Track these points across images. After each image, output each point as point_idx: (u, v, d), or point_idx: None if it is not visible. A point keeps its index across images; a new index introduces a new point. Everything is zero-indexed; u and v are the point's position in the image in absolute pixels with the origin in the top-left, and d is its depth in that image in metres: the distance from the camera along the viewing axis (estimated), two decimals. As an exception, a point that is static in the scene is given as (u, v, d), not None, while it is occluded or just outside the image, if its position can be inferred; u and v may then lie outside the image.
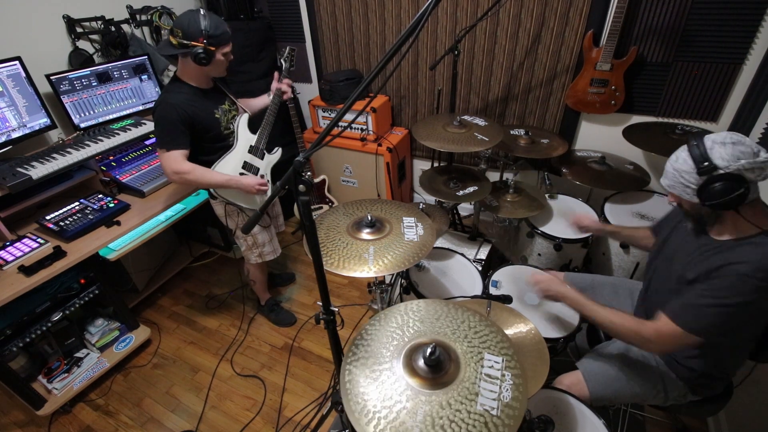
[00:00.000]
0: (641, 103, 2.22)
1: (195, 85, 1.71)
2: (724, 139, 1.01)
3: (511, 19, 2.28)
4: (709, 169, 1.00)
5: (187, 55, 1.60)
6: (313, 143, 0.87)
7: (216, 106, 1.76)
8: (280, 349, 2.27)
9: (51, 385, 1.95)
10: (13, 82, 1.87)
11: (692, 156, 1.04)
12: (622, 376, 1.32)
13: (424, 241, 1.33)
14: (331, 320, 1.16)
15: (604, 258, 2.09)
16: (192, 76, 1.70)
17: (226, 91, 1.87)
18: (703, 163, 1.01)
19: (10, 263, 1.71)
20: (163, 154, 1.65)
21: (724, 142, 1.00)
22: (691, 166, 1.04)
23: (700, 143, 1.03)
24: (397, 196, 2.92)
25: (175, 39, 1.57)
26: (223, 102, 1.82)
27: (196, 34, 1.55)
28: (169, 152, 1.64)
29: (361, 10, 2.64)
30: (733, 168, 0.98)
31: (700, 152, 1.02)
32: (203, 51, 1.56)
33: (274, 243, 2.14)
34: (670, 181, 1.12)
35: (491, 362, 0.93)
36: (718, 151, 1.00)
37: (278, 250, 2.16)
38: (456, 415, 0.83)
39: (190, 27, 1.54)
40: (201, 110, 1.69)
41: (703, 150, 1.02)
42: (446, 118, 2.15)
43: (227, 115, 1.82)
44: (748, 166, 0.97)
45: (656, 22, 1.99)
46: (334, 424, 1.83)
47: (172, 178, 1.68)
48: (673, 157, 1.11)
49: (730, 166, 0.98)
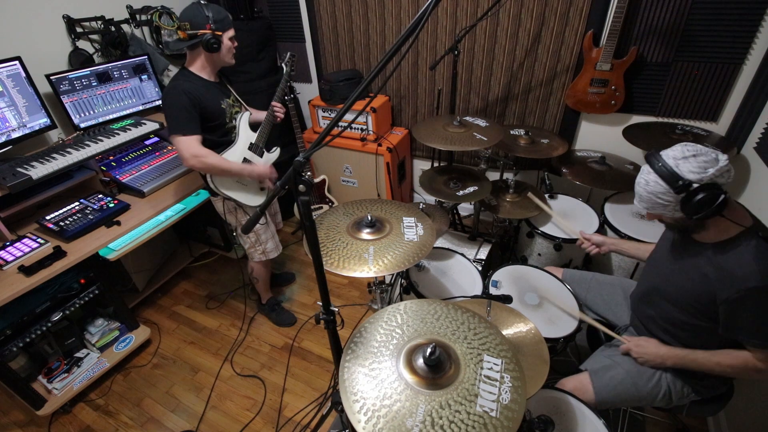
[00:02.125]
0: (641, 103, 2.21)
1: (203, 77, 1.76)
2: (683, 154, 1.04)
3: (511, 19, 2.28)
4: (684, 186, 1.02)
5: (198, 45, 1.67)
6: (313, 143, 0.87)
7: (222, 97, 1.81)
8: (280, 349, 2.27)
9: (51, 385, 1.95)
10: (13, 82, 1.87)
11: (662, 177, 1.06)
12: (628, 381, 1.32)
13: (424, 241, 1.33)
14: (331, 320, 1.16)
15: (604, 258, 2.09)
16: (201, 66, 1.75)
17: (231, 88, 1.91)
18: (676, 182, 1.03)
19: (10, 263, 1.71)
20: (179, 139, 1.67)
21: (686, 156, 1.03)
22: (665, 187, 1.06)
23: (663, 163, 1.05)
24: (397, 196, 2.92)
25: (184, 33, 1.64)
26: (229, 96, 1.87)
27: (202, 22, 1.63)
28: (185, 136, 1.67)
29: (361, 10, 2.64)
30: (706, 179, 1.00)
31: (668, 172, 1.04)
32: (212, 36, 1.64)
33: (276, 240, 2.16)
34: (647, 204, 1.13)
35: (491, 364, 0.93)
36: (685, 166, 1.02)
37: (280, 247, 2.19)
38: (455, 415, 0.83)
39: (196, 17, 1.63)
40: (209, 97, 1.74)
41: (670, 169, 1.04)
42: (446, 118, 2.15)
43: (231, 108, 1.86)
44: (717, 173, 1.00)
45: (656, 22, 1.99)
46: (334, 424, 1.83)
47: (190, 162, 1.69)
48: (641, 182, 1.12)
49: (703, 179, 1.00)
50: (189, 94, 1.65)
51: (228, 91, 1.88)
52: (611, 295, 1.62)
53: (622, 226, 1.94)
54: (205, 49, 1.66)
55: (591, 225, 2.05)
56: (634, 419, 1.68)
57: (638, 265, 1.93)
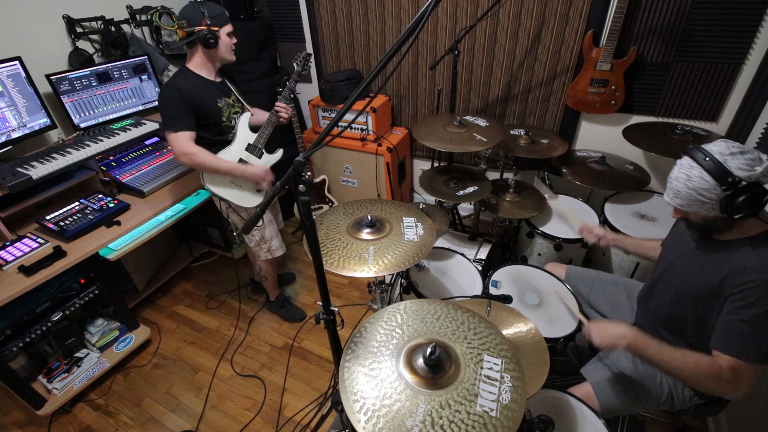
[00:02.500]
0: (641, 103, 2.21)
1: (203, 75, 1.77)
2: (729, 150, 0.99)
3: (511, 19, 2.28)
4: (733, 183, 0.97)
5: (196, 42, 1.69)
6: (313, 143, 0.87)
7: (220, 96, 1.81)
8: (280, 349, 2.27)
9: (51, 385, 1.95)
10: (13, 82, 1.87)
11: (709, 172, 1.00)
12: (631, 389, 1.31)
13: (424, 241, 1.33)
14: (331, 320, 1.16)
15: (604, 258, 2.09)
16: (201, 64, 1.77)
17: (234, 89, 1.91)
18: (726, 178, 0.98)
19: (10, 263, 1.71)
20: (171, 135, 1.70)
21: (732, 153, 0.99)
22: (711, 183, 1.00)
23: (710, 158, 1.00)
24: (397, 196, 2.92)
25: (182, 30, 1.66)
26: (229, 96, 1.87)
27: (198, 18, 1.66)
28: (176, 133, 1.69)
29: (361, 10, 2.64)
30: (754, 177, 0.96)
31: (717, 167, 0.99)
32: (208, 32, 1.66)
33: (280, 238, 2.16)
34: (685, 201, 1.06)
35: (491, 364, 0.93)
36: (734, 162, 0.98)
37: (284, 246, 2.20)
38: (455, 415, 0.83)
39: (192, 15, 1.66)
40: (204, 95, 1.74)
41: (719, 164, 0.99)
42: (446, 118, 2.15)
43: (230, 108, 1.86)
44: (764, 172, 0.96)
45: (656, 22, 1.99)
46: (334, 424, 1.82)
47: (181, 159, 1.73)
48: (682, 176, 1.05)
49: (751, 176, 0.96)
50: (182, 91, 1.66)
51: (229, 91, 1.88)
52: (614, 294, 1.62)
53: (621, 226, 1.94)
54: (203, 45, 1.68)
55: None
56: (634, 419, 1.68)
57: (638, 266, 1.93)
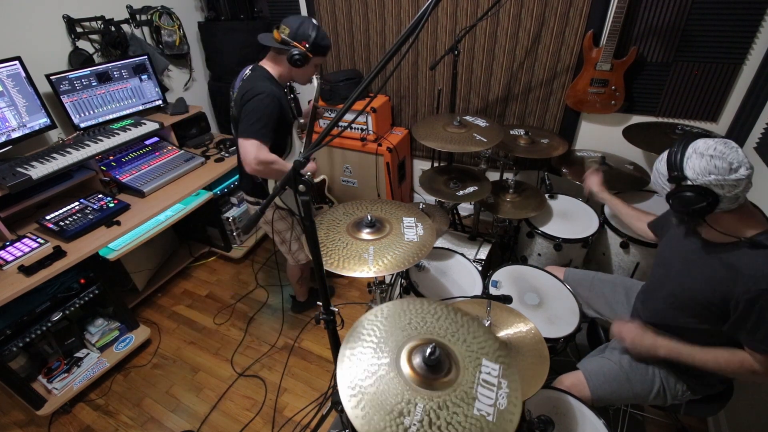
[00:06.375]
0: (641, 103, 2.21)
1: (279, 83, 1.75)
2: (707, 150, 1.01)
3: (511, 19, 2.28)
4: (677, 179, 1.02)
5: (283, 53, 1.65)
6: (313, 143, 0.87)
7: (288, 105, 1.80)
8: (280, 349, 2.27)
9: (51, 385, 1.95)
10: (13, 82, 1.87)
11: (667, 161, 1.06)
12: (622, 377, 1.33)
13: (424, 241, 1.33)
14: (331, 320, 1.16)
15: (604, 258, 2.09)
16: (279, 73, 1.73)
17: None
18: (673, 171, 1.03)
19: (10, 263, 1.71)
20: (250, 142, 1.59)
21: (704, 153, 1.00)
22: (663, 172, 1.07)
23: (680, 150, 1.04)
24: (397, 196, 2.92)
25: (281, 35, 1.62)
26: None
27: (302, 37, 1.60)
28: (258, 141, 1.60)
29: (361, 10, 2.64)
30: (701, 182, 0.99)
31: (675, 160, 1.04)
32: (300, 54, 1.60)
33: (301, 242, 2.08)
34: (653, 178, 1.14)
35: (489, 369, 0.93)
36: (694, 162, 1.00)
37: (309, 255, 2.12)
38: (453, 417, 0.83)
39: (300, 29, 1.60)
40: (286, 105, 1.73)
41: (680, 158, 1.03)
42: (446, 118, 2.15)
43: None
44: (716, 183, 0.98)
45: (656, 22, 1.99)
46: (334, 424, 1.83)
47: (254, 166, 1.62)
48: (661, 156, 1.12)
49: (698, 180, 0.99)
50: (279, 102, 1.63)
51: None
52: (613, 294, 1.62)
53: (621, 225, 1.94)
54: (288, 61, 1.62)
55: (591, 225, 2.05)
56: (634, 419, 1.68)
57: (638, 265, 1.93)
